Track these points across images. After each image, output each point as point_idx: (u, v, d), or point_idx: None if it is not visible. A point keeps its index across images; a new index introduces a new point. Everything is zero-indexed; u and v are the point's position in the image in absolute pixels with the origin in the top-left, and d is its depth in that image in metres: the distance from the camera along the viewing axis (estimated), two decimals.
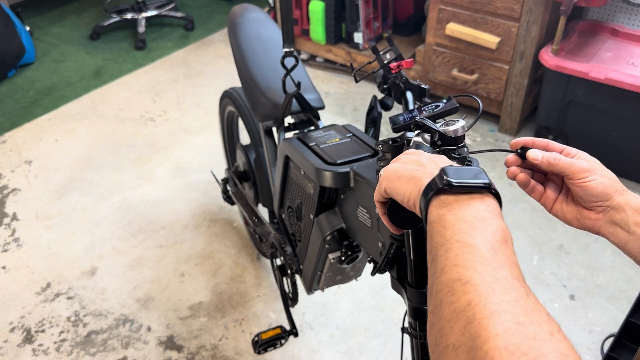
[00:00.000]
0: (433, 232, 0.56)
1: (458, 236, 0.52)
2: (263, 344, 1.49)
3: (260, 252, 1.98)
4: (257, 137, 1.64)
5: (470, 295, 0.46)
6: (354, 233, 1.14)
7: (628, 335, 0.96)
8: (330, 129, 1.25)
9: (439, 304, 0.49)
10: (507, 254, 0.51)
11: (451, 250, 0.52)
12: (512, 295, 0.46)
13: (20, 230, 2.15)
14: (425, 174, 0.61)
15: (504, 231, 0.53)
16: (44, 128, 2.76)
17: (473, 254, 0.50)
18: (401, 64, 1.05)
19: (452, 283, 0.49)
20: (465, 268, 0.49)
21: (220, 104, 1.94)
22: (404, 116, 0.87)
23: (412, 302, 0.88)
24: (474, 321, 0.44)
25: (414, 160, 0.66)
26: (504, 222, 0.55)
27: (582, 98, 2.23)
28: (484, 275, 0.48)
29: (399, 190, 0.63)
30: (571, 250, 2.00)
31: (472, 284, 0.47)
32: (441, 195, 0.57)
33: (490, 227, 0.53)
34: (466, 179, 0.57)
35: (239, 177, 1.83)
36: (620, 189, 0.70)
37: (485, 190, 0.57)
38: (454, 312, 0.47)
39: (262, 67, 1.47)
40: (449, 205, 0.56)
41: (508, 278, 0.48)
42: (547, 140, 0.76)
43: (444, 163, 0.64)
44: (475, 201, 0.56)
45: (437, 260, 0.53)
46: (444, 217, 0.55)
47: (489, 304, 0.45)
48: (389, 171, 0.66)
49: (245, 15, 1.62)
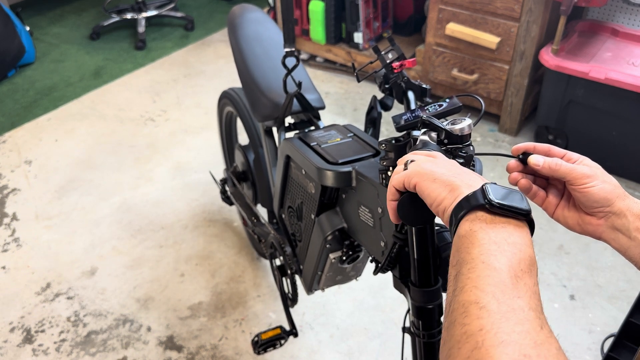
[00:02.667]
0: (461, 247, 0.55)
1: (484, 257, 0.52)
2: (263, 344, 1.49)
3: (259, 253, 1.97)
4: (256, 137, 1.63)
5: (483, 321, 0.47)
6: (356, 233, 1.14)
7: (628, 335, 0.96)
8: (331, 129, 1.25)
9: (452, 323, 0.50)
10: (529, 284, 0.51)
11: (474, 270, 0.52)
12: (524, 326, 0.46)
13: (20, 230, 2.15)
14: (464, 184, 0.60)
15: (531, 260, 0.53)
16: (44, 128, 2.76)
17: (495, 278, 0.50)
18: (404, 64, 1.05)
19: (469, 305, 0.49)
20: (484, 292, 0.49)
21: (218, 105, 1.94)
22: (407, 115, 0.87)
23: (415, 301, 0.87)
24: (482, 347, 0.45)
25: (448, 164, 0.65)
26: (533, 252, 0.54)
27: (582, 98, 2.24)
28: (501, 303, 0.48)
29: (432, 192, 0.62)
30: (571, 250, 2.00)
31: (487, 310, 0.47)
32: (478, 212, 0.56)
33: (518, 254, 0.52)
34: (508, 202, 0.56)
35: (238, 177, 1.83)
36: (621, 194, 0.69)
37: (523, 217, 0.57)
38: (464, 334, 0.47)
39: (263, 67, 1.47)
40: (483, 223, 0.55)
41: (524, 309, 0.48)
42: (548, 146, 0.76)
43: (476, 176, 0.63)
44: (510, 226, 0.55)
45: (459, 278, 0.53)
46: (475, 234, 0.54)
47: (499, 333, 0.45)
48: (424, 169, 0.64)
49: (245, 15, 1.62)
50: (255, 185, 1.73)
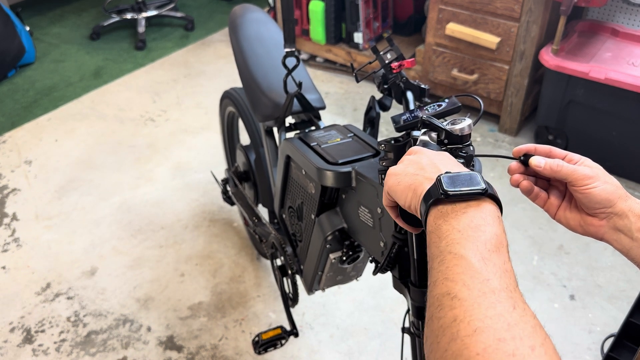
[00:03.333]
0: (430, 243, 0.56)
1: (450, 247, 0.53)
2: (263, 344, 1.49)
3: (260, 253, 1.98)
4: (257, 137, 1.63)
5: (456, 311, 0.47)
6: (356, 233, 1.14)
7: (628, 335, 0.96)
8: (332, 129, 1.25)
9: (430, 318, 0.50)
10: (498, 263, 0.51)
11: (444, 262, 0.52)
12: (497, 309, 0.46)
13: (20, 230, 2.15)
14: (425, 179, 0.61)
15: (498, 238, 0.53)
16: (44, 128, 2.76)
17: (463, 266, 0.50)
18: (403, 64, 1.05)
19: (442, 297, 0.49)
20: (454, 282, 0.49)
21: (220, 105, 1.94)
22: (406, 116, 0.87)
23: (415, 301, 0.87)
24: (457, 339, 0.45)
25: (414, 162, 0.66)
26: (499, 228, 0.55)
27: (582, 98, 2.24)
28: (472, 289, 0.48)
29: (400, 197, 0.63)
30: (571, 250, 2.00)
31: (458, 299, 0.48)
32: (439, 205, 0.57)
33: (482, 236, 0.53)
34: (462, 187, 0.56)
35: (239, 177, 1.83)
36: (623, 195, 0.69)
37: (483, 195, 0.57)
38: (440, 327, 0.47)
39: (263, 67, 1.47)
40: (446, 215, 0.56)
41: (495, 290, 0.48)
42: (549, 147, 0.76)
43: (445, 163, 0.64)
44: (471, 209, 0.56)
45: (431, 273, 0.53)
46: (440, 228, 0.55)
47: (472, 320, 0.45)
48: (391, 176, 0.66)
49: (246, 15, 1.62)
50: (257, 185, 1.73)
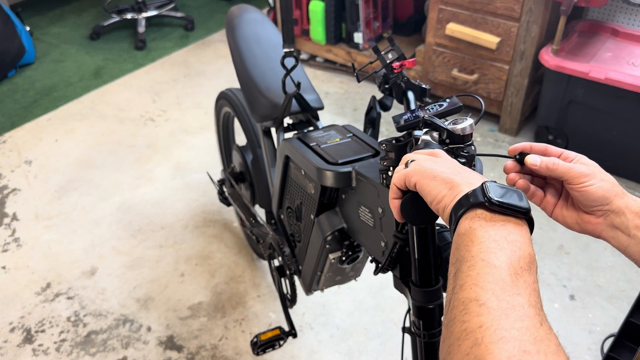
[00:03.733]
0: (460, 245, 0.55)
1: (484, 254, 0.52)
2: (262, 345, 1.49)
3: (257, 254, 1.97)
4: (254, 137, 1.63)
5: (483, 318, 0.47)
6: (355, 233, 1.14)
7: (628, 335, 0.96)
8: (331, 129, 1.25)
9: (452, 320, 0.50)
10: (528, 282, 0.51)
11: (474, 268, 0.52)
12: (524, 323, 0.46)
13: (20, 230, 2.15)
14: (464, 182, 0.60)
15: (531, 258, 0.53)
16: (44, 128, 2.76)
17: (494, 276, 0.50)
18: (404, 64, 1.05)
19: (469, 302, 0.49)
20: (484, 290, 0.49)
21: (216, 105, 1.93)
22: (407, 116, 0.87)
23: (416, 301, 0.87)
24: (482, 344, 0.45)
25: (448, 163, 0.65)
26: (532, 249, 0.55)
27: (582, 98, 2.24)
28: (501, 300, 0.48)
29: (432, 190, 0.62)
30: (571, 250, 2.00)
31: (487, 307, 0.48)
32: (477, 209, 0.56)
33: (518, 252, 0.53)
34: (508, 200, 0.56)
35: (235, 178, 1.82)
36: (619, 192, 0.69)
37: (522, 215, 0.57)
38: (464, 331, 0.47)
39: (261, 68, 1.47)
40: (483, 220, 0.55)
41: (524, 306, 0.48)
42: (545, 145, 0.75)
43: (476, 174, 0.63)
44: (510, 224, 0.55)
45: (458, 276, 0.53)
46: (475, 232, 0.55)
47: (499, 329, 0.45)
48: (424, 167, 0.65)
49: (243, 16, 1.62)
50: (253, 185, 1.73)
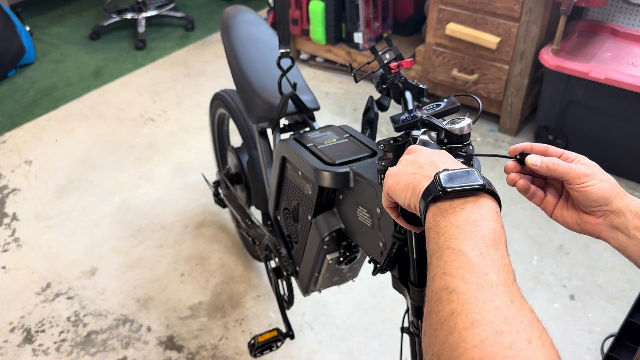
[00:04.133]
0: (429, 239, 0.57)
1: (449, 243, 0.53)
2: (259, 347, 1.49)
3: (252, 255, 1.97)
4: (249, 139, 1.62)
5: (454, 305, 0.48)
6: (353, 233, 1.14)
7: (628, 335, 0.96)
8: (327, 130, 1.24)
9: (429, 313, 0.51)
10: (496, 258, 0.51)
11: (442, 257, 0.53)
12: (494, 302, 0.46)
13: (20, 230, 2.15)
14: (423, 177, 0.62)
15: (496, 233, 0.54)
16: (44, 128, 2.76)
17: (461, 261, 0.51)
18: (401, 64, 1.05)
19: (440, 292, 0.50)
20: (453, 276, 0.50)
21: (210, 107, 1.92)
22: (405, 116, 0.87)
23: (414, 301, 0.87)
24: (455, 331, 0.46)
25: (412, 161, 0.66)
26: (497, 223, 0.55)
27: (582, 98, 2.23)
28: (470, 282, 0.49)
29: (400, 196, 0.64)
30: (571, 250, 2.00)
31: (457, 293, 0.48)
32: (437, 202, 0.58)
33: (481, 231, 0.53)
34: (460, 183, 0.57)
35: (231, 179, 1.81)
36: (619, 193, 0.69)
37: (481, 191, 0.57)
38: (439, 321, 0.48)
39: (256, 69, 1.47)
40: (444, 211, 0.57)
41: (493, 284, 0.48)
42: (545, 145, 0.75)
43: (443, 161, 0.64)
44: (469, 205, 0.56)
45: (430, 268, 0.54)
46: (439, 224, 0.56)
47: (470, 313, 0.46)
48: (389, 176, 0.67)
49: (238, 17, 1.61)
50: (249, 187, 1.72)
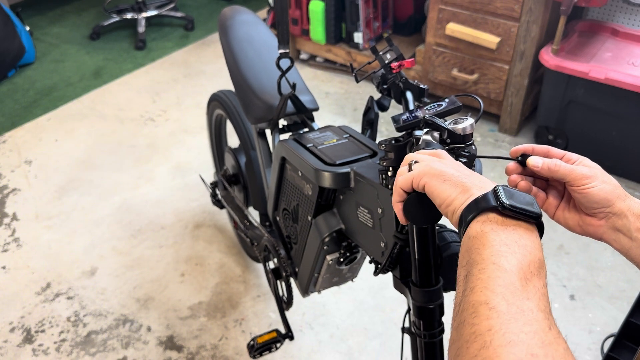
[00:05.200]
0: (471, 247, 0.56)
1: (495, 258, 0.53)
2: (259, 348, 1.48)
3: (250, 256, 1.96)
4: (247, 139, 1.61)
5: (492, 322, 0.47)
6: (354, 234, 1.13)
7: (628, 335, 0.96)
8: (327, 130, 1.24)
9: (462, 323, 0.50)
10: (537, 286, 0.51)
11: (485, 271, 0.52)
12: (533, 327, 0.46)
13: (20, 230, 2.15)
14: (474, 186, 0.61)
15: (541, 263, 0.54)
16: (44, 128, 2.76)
17: (505, 280, 0.51)
18: (402, 64, 1.04)
19: (479, 305, 0.50)
20: (494, 293, 0.50)
21: (208, 108, 1.91)
22: (406, 116, 0.87)
23: (416, 301, 0.87)
24: (490, 347, 0.45)
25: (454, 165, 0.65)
26: (542, 255, 0.55)
27: (582, 98, 2.23)
28: (511, 304, 0.48)
29: (442, 192, 0.62)
30: (571, 250, 2.00)
31: (496, 311, 0.48)
32: (489, 213, 0.57)
33: (528, 257, 0.53)
34: (520, 204, 0.56)
35: (228, 180, 1.81)
36: (622, 194, 0.69)
37: (533, 220, 0.57)
38: (473, 333, 0.48)
39: (255, 69, 1.46)
40: (494, 224, 0.56)
41: (533, 310, 0.48)
42: (547, 147, 0.75)
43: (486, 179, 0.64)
44: (521, 229, 0.56)
45: (469, 279, 0.53)
46: (486, 235, 0.55)
47: (508, 333, 0.46)
48: (434, 168, 0.64)
49: (236, 17, 1.61)
50: (247, 188, 1.71)
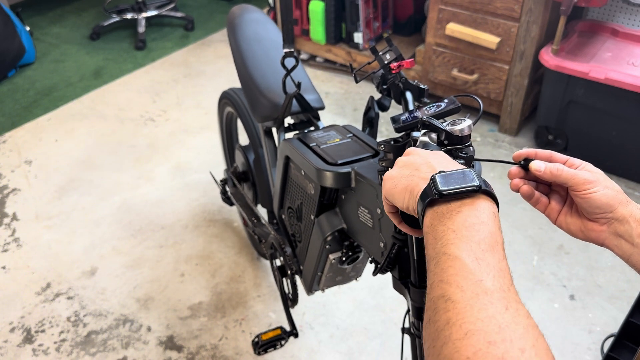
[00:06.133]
0: (427, 244, 0.56)
1: (445, 248, 0.52)
2: (263, 345, 1.49)
3: (259, 253, 1.98)
4: (256, 137, 1.63)
5: (449, 314, 0.47)
6: (355, 233, 1.14)
7: (628, 335, 0.96)
8: (331, 130, 1.25)
9: (427, 322, 0.50)
10: (492, 263, 0.50)
11: (439, 264, 0.52)
12: (489, 311, 0.46)
13: (20, 230, 2.15)
14: (420, 180, 0.61)
15: (492, 236, 0.53)
16: (44, 128, 2.76)
17: (457, 267, 0.50)
18: (402, 64, 1.05)
19: (437, 300, 0.49)
20: (449, 284, 0.49)
21: (219, 105, 1.94)
22: (406, 116, 0.87)
23: (415, 302, 0.87)
24: (449, 342, 0.45)
25: (409, 163, 0.66)
26: (494, 225, 0.54)
27: (582, 98, 2.23)
28: (465, 290, 0.48)
29: (398, 200, 0.63)
30: (571, 250, 2.00)
31: (452, 302, 0.48)
32: (435, 205, 0.57)
33: (477, 235, 0.52)
34: (455, 185, 0.56)
35: (238, 177, 1.83)
36: (624, 200, 0.69)
37: (477, 192, 0.56)
38: (435, 331, 0.48)
39: (262, 68, 1.47)
40: (441, 215, 0.56)
41: (488, 291, 0.48)
42: (550, 152, 0.75)
43: (439, 162, 0.63)
44: (465, 207, 0.55)
45: (429, 275, 0.53)
46: (436, 229, 0.55)
47: (465, 323, 0.45)
48: (387, 180, 0.66)
49: (244, 16, 1.62)
50: (256, 185, 1.73)
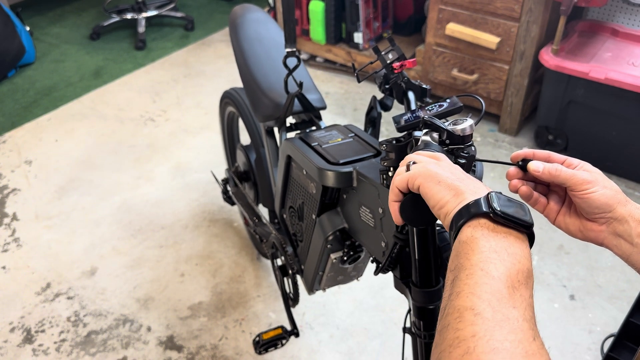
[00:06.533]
0: (461, 252, 0.56)
1: (483, 264, 0.52)
2: (264, 344, 1.49)
3: (261, 253, 1.98)
4: (257, 137, 1.64)
5: (477, 328, 0.47)
6: (356, 233, 1.14)
7: (628, 335, 0.96)
8: (333, 129, 1.25)
9: (446, 327, 0.50)
10: (524, 296, 0.51)
11: (472, 276, 0.52)
12: (517, 336, 0.46)
13: (20, 230, 2.15)
14: (468, 190, 0.61)
15: (529, 272, 0.54)
16: (44, 128, 2.75)
17: (492, 287, 0.50)
18: (404, 64, 1.05)
19: (464, 311, 0.49)
20: (480, 299, 0.50)
21: (220, 105, 1.94)
22: (408, 116, 0.87)
23: (416, 302, 0.87)
24: (473, 353, 0.45)
25: (451, 168, 0.65)
26: (531, 265, 0.55)
27: (582, 98, 2.24)
28: (496, 311, 0.48)
29: (436, 194, 0.62)
30: (571, 250, 2.00)
31: (481, 317, 0.48)
32: (481, 219, 0.57)
33: (517, 265, 0.53)
34: (512, 213, 0.56)
35: (239, 177, 1.83)
36: (622, 200, 0.69)
37: (525, 230, 0.57)
38: (457, 338, 0.47)
39: (264, 68, 1.47)
40: (485, 230, 0.56)
41: (519, 319, 0.48)
42: (548, 152, 0.75)
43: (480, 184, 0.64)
44: (512, 237, 0.56)
45: (456, 283, 0.53)
46: (476, 241, 0.55)
47: (492, 340, 0.46)
48: (429, 170, 0.65)
49: (246, 15, 1.63)
50: (257, 185, 1.73)
